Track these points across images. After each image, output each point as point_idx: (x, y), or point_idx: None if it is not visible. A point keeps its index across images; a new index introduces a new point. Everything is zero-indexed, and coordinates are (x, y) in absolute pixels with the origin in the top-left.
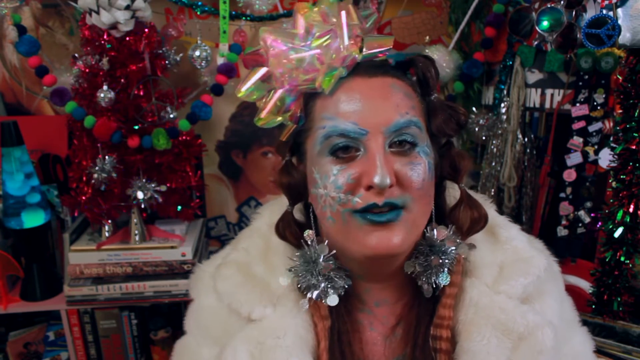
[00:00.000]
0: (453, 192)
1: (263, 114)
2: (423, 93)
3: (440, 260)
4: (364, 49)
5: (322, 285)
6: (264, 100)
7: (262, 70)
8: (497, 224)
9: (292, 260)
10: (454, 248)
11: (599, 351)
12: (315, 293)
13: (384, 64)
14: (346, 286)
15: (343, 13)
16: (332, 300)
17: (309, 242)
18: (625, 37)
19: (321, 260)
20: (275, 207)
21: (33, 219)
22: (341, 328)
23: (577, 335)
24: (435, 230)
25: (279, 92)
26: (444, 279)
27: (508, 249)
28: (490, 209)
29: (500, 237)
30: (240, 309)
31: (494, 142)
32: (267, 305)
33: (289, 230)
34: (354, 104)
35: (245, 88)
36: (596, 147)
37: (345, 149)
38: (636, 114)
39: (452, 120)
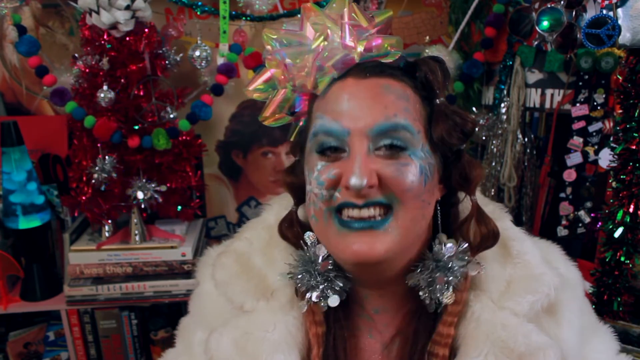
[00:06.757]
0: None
1: (267, 112)
2: (427, 96)
3: (446, 279)
4: (365, 50)
5: (322, 286)
6: (269, 98)
7: (269, 72)
8: (510, 236)
9: (293, 257)
10: (462, 266)
11: None
12: (315, 294)
13: (381, 65)
14: (347, 289)
15: (345, 11)
16: (333, 300)
17: (309, 243)
18: (625, 37)
19: (320, 260)
20: (284, 201)
21: (33, 219)
22: (337, 333)
23: (596, 336)
24: (443, 244)
25: (283, 91)
26: (448, 298)
27: (519, 263)
28: (505, 219)
29: (512, 251)
30: (234, 299)
31: (494, 142)
32: (260, 298)
33: (291, 230)
34: (341, 103)
35: (252, 88)
36: (596, 147)
37: (332, 149)
38: (636, 114)
39: (457, 129)
